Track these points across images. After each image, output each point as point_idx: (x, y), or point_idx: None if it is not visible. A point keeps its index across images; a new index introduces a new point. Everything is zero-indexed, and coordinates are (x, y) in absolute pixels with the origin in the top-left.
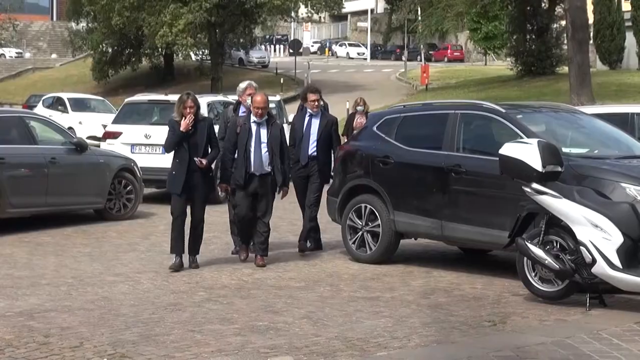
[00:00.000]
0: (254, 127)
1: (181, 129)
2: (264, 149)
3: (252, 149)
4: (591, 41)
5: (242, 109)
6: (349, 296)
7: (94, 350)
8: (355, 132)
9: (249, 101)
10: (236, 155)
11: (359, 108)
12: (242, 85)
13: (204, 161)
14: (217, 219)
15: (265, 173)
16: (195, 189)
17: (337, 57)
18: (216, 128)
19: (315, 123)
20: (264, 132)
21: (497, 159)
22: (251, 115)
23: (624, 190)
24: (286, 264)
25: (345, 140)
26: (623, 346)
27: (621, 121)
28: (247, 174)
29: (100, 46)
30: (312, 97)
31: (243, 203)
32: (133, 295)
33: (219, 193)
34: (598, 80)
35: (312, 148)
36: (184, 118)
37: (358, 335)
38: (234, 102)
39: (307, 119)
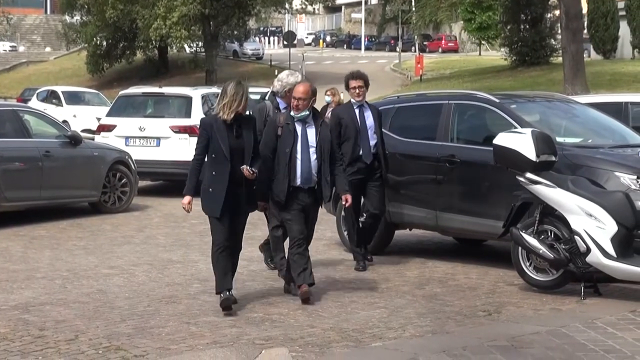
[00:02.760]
0: (299, 128)
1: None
2: (313, 154)
3: (299, 156)
4: (585, 31)
5: (282, 104)
6: (344, 287)
7: (89, 343)
8: None
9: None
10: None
11: (327, 99)
12: (289, 78)
13: (254, 170)
14: None
15: (313, 185)
16: (238, 209)
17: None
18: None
19: (368, 114)
20: (311, 133)
21: (491, 149)
22: (292, 112)
23: (618, 180)
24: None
25: None
26: (618, 335)
27: (615, 110)
28: (290, 187)
29: (95, 39)
30: (353, 83)
31: (295, 224)
32: (128, 288)
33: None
34: (592, 70)
35: (373, 143)
36: (225, 114)
37: (353, 326)
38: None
39: (356, 110)
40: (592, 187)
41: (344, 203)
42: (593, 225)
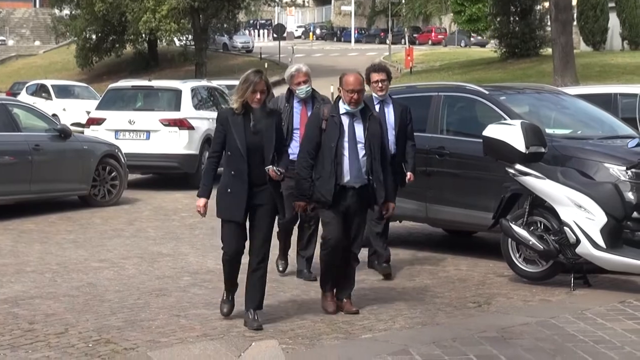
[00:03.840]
0: (346, 121)
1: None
2: (361, 151)
3: (346, 152)
4: (575, 22)
5: (295, 100)
6: None
7: (79, 336)
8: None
9: (299, 92)
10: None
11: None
12: (288, 70)
13: (281, 170)
14: None
15: (362, 185)
16: (259, 214)
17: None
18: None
19: (390, 111)
20: (359, 128)
21: (481, 140)
22: (339, 103)
23: (608, 171)
24: (272, 248)
25: None
26: (607, 325)
27: (604, 102)
28: (337, 186)
29: (84, 33)
30: (376, 76)
31: (333, 225)
32: (118, 281)
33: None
34: (582, 62)
35: (392, 144)
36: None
37: (343, 318)
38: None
39: (377, 106)
40: (582, 179)
41: (384, 213)
42: (582, 217)
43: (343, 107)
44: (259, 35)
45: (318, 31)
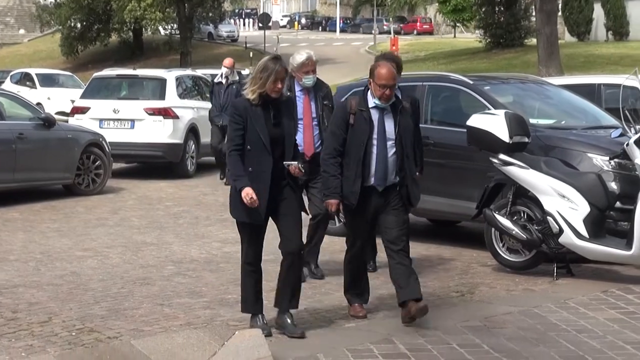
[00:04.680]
0: (375, 116)
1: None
2: (391, 149)
3: (374, 150)
4: (559, 13)
5: (297, 88)
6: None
7: (62, 325)
8: None
9: (306, 81)
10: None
11: None
12: (299, 58)
13: (302, 166)
14: (187, 193)
15: (391, 185)
16: (284, 207)
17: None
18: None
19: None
20: (390, 123)
21: (465, 130)
22: (367, 95)
23: (591, 161)
24: None
25: None
26: (590, 315)
27: (588, 92)
28: (363, 187)
29: (69, 21)
30: None
31: (359, 229)
32: (102, 270)
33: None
34: (566, 52)
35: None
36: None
37: (327, 307)
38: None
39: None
40: (565, 169)
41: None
42: (566, 206)
43: (372, 101)
44: (244, 25)
45: (303, 20)
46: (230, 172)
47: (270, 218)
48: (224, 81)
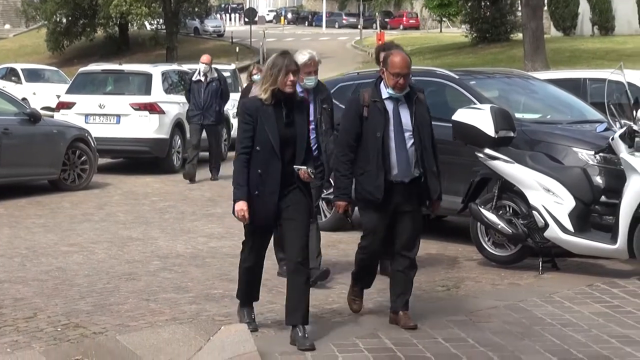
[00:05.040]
0: (389, 106)
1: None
2: (409, 140)
3: (393, 143)
4: (545, 7)
5: (297, 88)
6: None
7: (47, 320)
8: None
9: (307, 82)
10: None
11: (255, 77)
12: (301, 58)
13: (312, 171)
14: (173, 188)
15: (414, 178)
16: (292, 213)
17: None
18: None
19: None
20: (405, 114)
21: (451, 124)
22: (380, 86)
23: (576, 155)
24: (241, 232)
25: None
26: (575, 309)
27: (574, 86)
28: (386, 181)
29: (54, 16)
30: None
31: (379, 228)
32: (87, 266)
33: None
34: (552, 47)
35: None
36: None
37: (312, 302)
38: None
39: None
40: (550, 163)
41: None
42: (551, 201)
43: (386, 91)
44: (230, 20)
45: (289, 15)
46: (233, 177)
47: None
48: (202, 79)
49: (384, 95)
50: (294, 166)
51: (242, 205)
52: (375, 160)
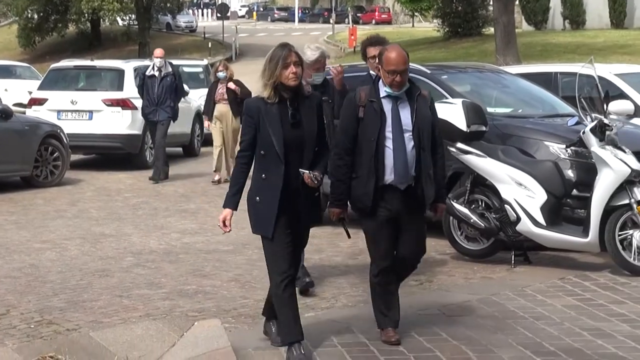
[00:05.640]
0: (387, 106)
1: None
2: (409, 141)
3: (390, 144)
4: (517, 2)
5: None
6: None
7: (20, 317)
8: (219, 104)
9: (316, 78)
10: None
11: (220, 74)
12: (311, 55)
13: (318, 175)
14: (146, 184)
15: (412, 184)
16: (296, 225)
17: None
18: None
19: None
20: (405, 112)
21: None
22: (379, 84)
23: (548, 149)
24: (214, 227)
25: (206, 120)
26: (547, 302)
27: (545, 81)
28: (378, 187)
29: (26, 12)
30: (372, 51)
31: (382, 240)
32: (60, 262)
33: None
34: (523, 41)
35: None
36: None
37: None
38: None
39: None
40: (522, 157)
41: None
42: (523, 194)
43: (384, 90)
44: (202, 15)
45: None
46: (230, 181)
47: (289, 232)
48: (156, 74)
49: (382, 94)
50: (300, 170)
51: (225, 214)
52: (367, 164)
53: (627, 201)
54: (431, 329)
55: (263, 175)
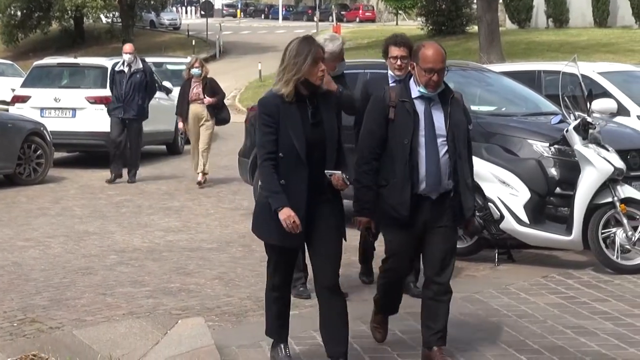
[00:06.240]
0: (420, 107)
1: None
2: (442, 147)
3: (423, 150)
4: (500, 0)
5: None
6: (261, 256)
7: (3, 315)
8: (193, 104)
9: (340, 68)
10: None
11: (195, 71)
12: (333, 46)
13: (343, 177)
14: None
15: (445, 192)
16: (322, 231)
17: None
18: None
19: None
20: (439, 116)
21: None
22: (410, 84)
23: (531, 147)
24: (198, 225)
25: (180, 122)
26: (530, 300)
27: (528, 79)
28: (414, 196)
29: (8, 9)
30: (395, 51)
31: (405, 249)
32: (44, 260)
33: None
34: (507, 39)
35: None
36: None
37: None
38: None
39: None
40: (506, 155)
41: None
42: (506, 193)
43: (416, 90)
44: (186, 13)
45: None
46: (263, 186)
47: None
48: (126, 69)
49: (414, 94)
50: (326, 171)
51: (288, 212)
52: (402, 170)
53: (610, 199)
54: (414, 326)
55: (282, 182)
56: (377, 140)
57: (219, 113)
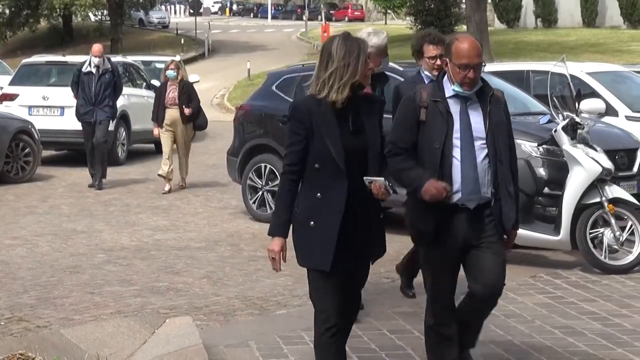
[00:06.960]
0: (455, 107)
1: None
2: (481, 151)
3: (458, 155)
4: (489, 0)
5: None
6: (250, 255)
7: None
8: (170, 109)
9: (384, 64)
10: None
11: (171, 73)
12: (377, 40)
13: (385, 184)
14: (118, 180)
15: (484, 203)
16: (360, 256)
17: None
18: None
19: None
20: (477, 117)
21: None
22: (443, 82)
23: (520, 147)
24: (186, 224)
25: (155, 128)
26: (518, 300)
27: (517, 79)
28: (444, 207)
29: None
30: (432, 50)
31: (442, 273)
32: (31, 259)
33: None
34: (496, 39)
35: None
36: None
37: (258, 294)
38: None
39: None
40: None
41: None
42: None
43: (451, 89)
44: (175, 11)
45: (235, 7)
46: (275, 203)
47: (345, 266)
48: (94, 70)
49: (448, 93)
50: (365, 178)
51: (274, 246)
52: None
53: (598, 199)
54: (403, 326)
55: (318, 194)
56: (409, 143)
57: (195, 119)
